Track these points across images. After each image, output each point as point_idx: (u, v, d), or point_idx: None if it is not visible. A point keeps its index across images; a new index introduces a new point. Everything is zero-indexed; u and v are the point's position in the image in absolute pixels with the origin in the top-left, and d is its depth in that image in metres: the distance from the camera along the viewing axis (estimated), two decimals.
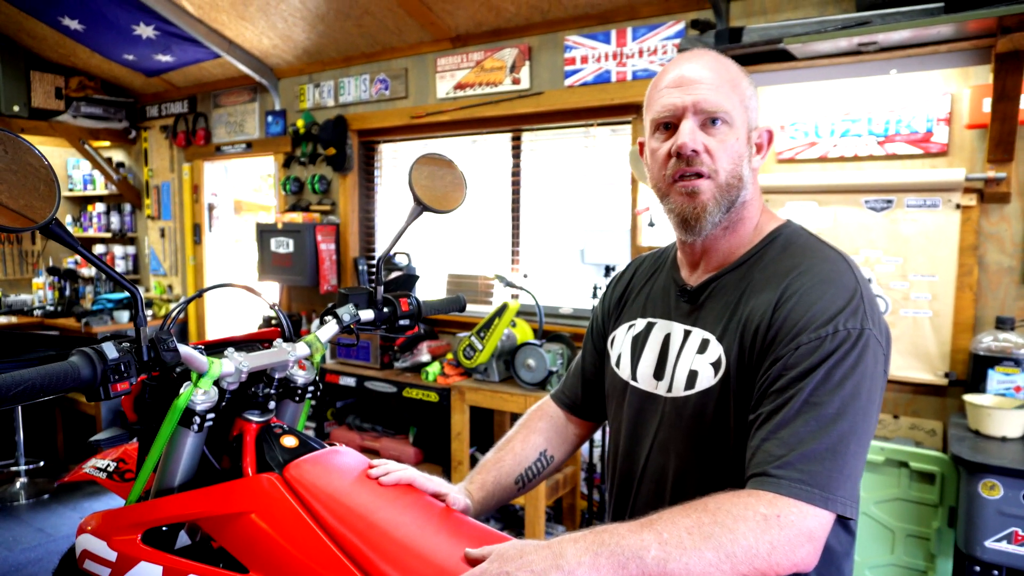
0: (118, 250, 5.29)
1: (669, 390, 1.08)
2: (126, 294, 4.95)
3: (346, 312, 1.42)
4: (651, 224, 3.11)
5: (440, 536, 1.09)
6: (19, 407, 4.04)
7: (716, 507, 0.84)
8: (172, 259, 5.01)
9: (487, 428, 3.55)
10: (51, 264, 5.22)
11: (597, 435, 3.28)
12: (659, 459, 1.10)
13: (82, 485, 4.28)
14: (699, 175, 1.01)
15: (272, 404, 1.32)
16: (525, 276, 3.59)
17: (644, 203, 3.15)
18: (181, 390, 1.21)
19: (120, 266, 5.24)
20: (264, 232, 4.13)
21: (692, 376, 1.04)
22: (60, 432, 4.51)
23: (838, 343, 0.90)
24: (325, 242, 4.01)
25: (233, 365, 1.24)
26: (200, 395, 1.21)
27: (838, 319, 0.91)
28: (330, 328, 1.42)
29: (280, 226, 4.05)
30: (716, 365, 1.01)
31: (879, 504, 2.27)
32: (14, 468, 4.16)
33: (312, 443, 1.28)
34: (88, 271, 5.09)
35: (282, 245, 4.05)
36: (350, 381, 3.41)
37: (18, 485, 4.15)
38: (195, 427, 1.21)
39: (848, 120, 2.62)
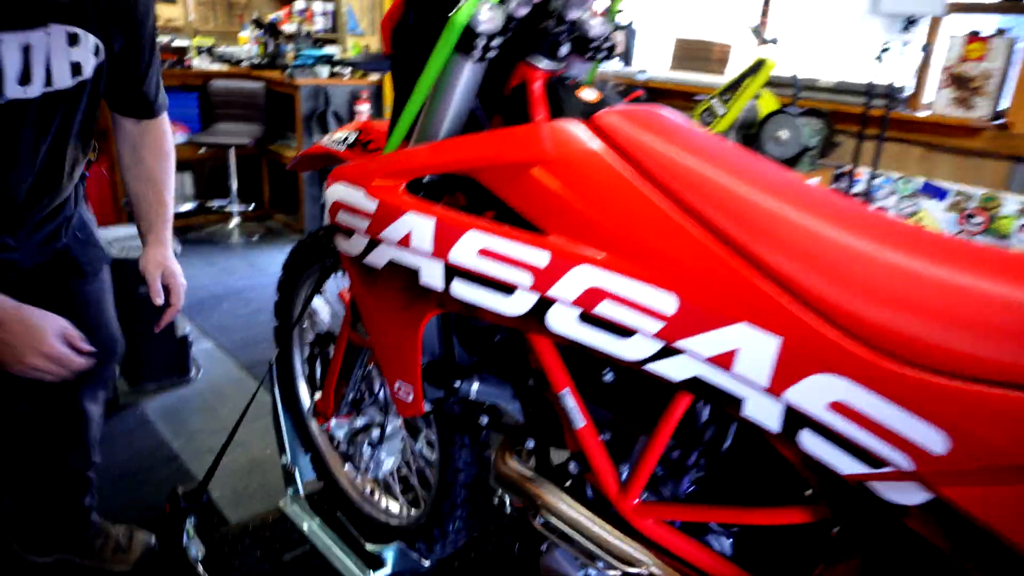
0: (317, 7, 5.13)
1: None
2: (326, 51, 4.77)
3: None
4: None
5: (848, 224, 0.74)
6: (232, 151, 4.16)
7: None
8: (369, 17, 4.79)
9: None
10: (255, 16, 5.18)
11: None
12: None
13: (284, 232, 4.47)
14: None
15: (563, 51, 0.99)
16: (775, 41, 2.97)
17: None
18: (459, 3, 0.90)
19: (319, 23, 5.11)
20: None
21: None
22: (266, 183, 4.68)
23: None
24: None
25: None
26: (486, 10, 0.90)
27: None
28: None
29: None
30: None
31: None
32: (228, 209, 4.39)
33: (615, 101, 0.95)
34: (290, 27, 5.00)
35: None
36: None
37: (231, 225, 4.40)
38: (476, 53, 0.91)
39: None
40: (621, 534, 0.85)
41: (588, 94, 0.95)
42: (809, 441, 0.67)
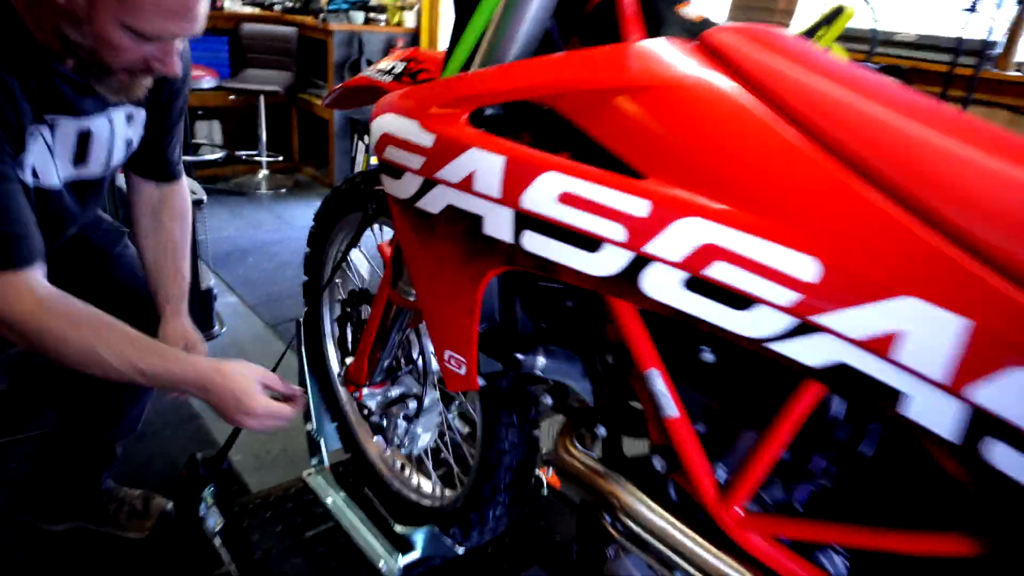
0: None
1: None
2: None
3: None
4: None
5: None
6: (262, 99, 4.00)
7: None
8: None
9: None
10: None
11: None
12: None
13: (313, 185, 4.34)
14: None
15: None
16: None
17: None
18: None
19: None
20: None
21: None
22: (295, 133, 4.54)
23: None
24: None
25: None
26: None
27: None
28: None
29: None
30: None
31: None
32: (258, 159, 4.26)
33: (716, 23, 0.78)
34: None
35: None
36: None
37: (260, 176, 4.28)
38: None
39: None
40: (717, 549, 0.70)
41: (690, 11, 0.78)
42: (1001, 455, 0.51)
